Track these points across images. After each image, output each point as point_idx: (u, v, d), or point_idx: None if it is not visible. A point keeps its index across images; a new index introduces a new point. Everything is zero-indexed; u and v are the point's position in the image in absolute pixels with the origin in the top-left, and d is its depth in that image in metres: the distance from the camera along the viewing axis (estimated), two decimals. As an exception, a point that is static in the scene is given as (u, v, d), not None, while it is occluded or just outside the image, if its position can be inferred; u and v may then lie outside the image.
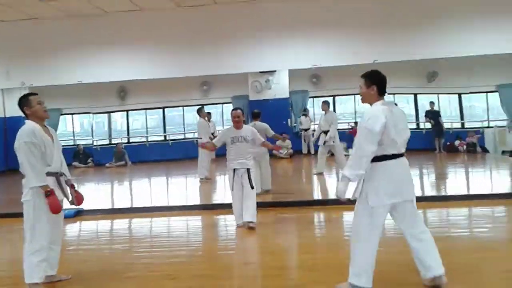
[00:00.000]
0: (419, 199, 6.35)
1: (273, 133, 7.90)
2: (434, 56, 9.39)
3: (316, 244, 5.30)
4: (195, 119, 16.55)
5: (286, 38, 10.29)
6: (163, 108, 16.49)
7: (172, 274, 4.28)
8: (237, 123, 5.94)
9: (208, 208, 7.34)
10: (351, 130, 13.74)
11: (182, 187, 10.41)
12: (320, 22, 9.79)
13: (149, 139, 16.52)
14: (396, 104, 3.54)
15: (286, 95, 14.58)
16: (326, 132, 9.61)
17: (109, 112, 16.62)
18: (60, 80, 11.23)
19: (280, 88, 14.42)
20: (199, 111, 10.26)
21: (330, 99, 16.09)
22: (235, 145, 5.91)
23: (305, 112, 14.98)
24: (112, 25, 10.77)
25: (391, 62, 9.24)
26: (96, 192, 10.31)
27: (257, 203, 6.09)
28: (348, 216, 6.53)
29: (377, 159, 3.32)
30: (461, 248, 4.66)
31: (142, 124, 17.19)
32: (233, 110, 6.11)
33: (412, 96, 15.37)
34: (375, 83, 3.44)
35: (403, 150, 3.42)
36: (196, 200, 8.31)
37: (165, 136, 16.50)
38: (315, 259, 4.59)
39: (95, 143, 16.19)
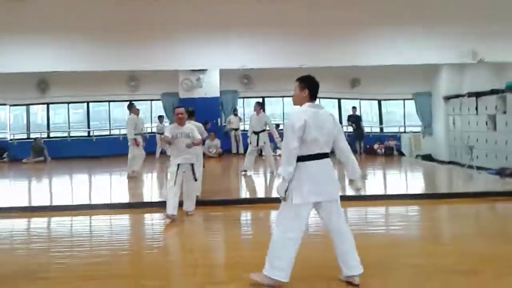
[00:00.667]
0: (340, 198, 6.65)
1: (206, 134, 8.00)
2: (356, 63, 9.92)
3: (242, 242, 5.38)
4: (123, 115, 16.18)
5: (218, 38, 10.31)
6: (88, 102, 15.79)
7: (91, 274, 4.14)
8: (180, 119, 6.21)
9: (134, 206, 7.16)
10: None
11: (106, 185, 10.05)
12: (252, 24, 9.92)
13: (72, 134, 15.75)
14: (322, 107, 3.73)
15: (217, 94, 14.59)
16: (257, 133, 9.71)
17: (28, 105, 15.59)
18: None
19: (210, 87, 14.40)
20: (130, 107, 9.98)
21: (259, 100, 16.45)
22: (179, 141, 6.10)
23: (235, 111, 15.11)
24: (34, 12, 10.13)
25: (317, 67, 9.58)
26: (11, 189, 9.66)
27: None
28: (275, 214, 6.70)
29: (302, 159, 3.48)
30: (376, 245, 4.98)
31: (64, 119, 16.34)
32: (176, 107, 6.43)
33: (336, 100, 16.06)
34: (307, 87, 3.63)
35: (327, 150, 3.59)
36: (121, 198, 8.06)
37: (88, 132, 15.81)
38: (241, 257, 4.66)
39: (11, 137, 15.14)
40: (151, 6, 10.17)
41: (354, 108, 14.84)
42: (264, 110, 9.81)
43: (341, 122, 15.47)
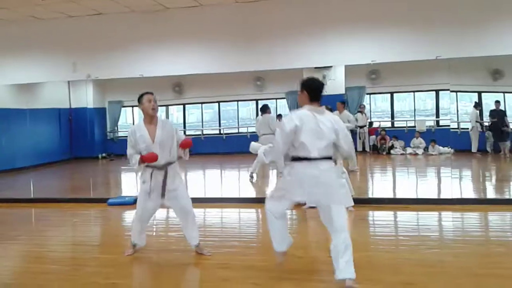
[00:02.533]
0: (483, 202, 6.09)
1: None
2: (497, 53, 8.84)
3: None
4: (249, 114, 16.85)
5: (343, 33, 10.07)
6: (218, 102, 16.75)
7: (225, 263, 4.35)
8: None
9: (262, 201, 7.39)
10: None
11: (235, 180, 10.52)
12: (379, 16, 9.51)
13: (204, 132, 16.85)
14: (324, 111, 3.74)
15: (342, 91, 14.32)
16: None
17: (166, 106, 17.10)
18: (122, 73, 11.65)
19: (335, 84, 14.18)
20: (266, 109, 10.40)
21: (387, 96, 15.74)
22: None
23: (360, 108, 14.68)
24: (172, 21, 11.04)
25: (454, 58, 8.83)
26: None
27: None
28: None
29: (293, 159, 3.70)
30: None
31: (198, 118, 17.56)
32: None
33: (476, 94, 14.62)
34: (305, 89, 3.74)
35: (315, 154, 3.61)
36: (249, 193, 8.36)
37: (219, 130, 16.76)
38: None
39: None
40: (276, 9, 10.37)
41: (497, 102, 13.36)
42: (391, 105, 9.49)
43: (482, 118, 14.08)
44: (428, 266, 4.15)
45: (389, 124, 15.15)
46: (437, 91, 14.53)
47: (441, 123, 14.22)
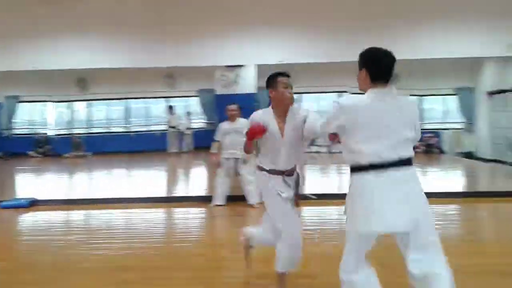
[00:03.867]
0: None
1: None
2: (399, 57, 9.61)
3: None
4: (161, 112, 16.49)
5: (254, 32, 10.28)
6: (127, 99, 16.17)
7: (127, 265, 4.22)
8: (232, 116, 6.64)
9: (170, 200, 7.29)
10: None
11: (143, 179, 10.25)
12: (291, 18, 9.83)
13: (112, 130, 16.19)
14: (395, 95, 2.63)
15: (254, 90, 14.55)
16: None
17: (70, 101, 16.15)
18: (15, 66, 10.79)
19: (247, 83, 14.37)
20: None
21: (299, 96, 16.30)
22: (230, 136, 6.58)
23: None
24: (74, 11, 10.44)
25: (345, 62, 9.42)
26: (52, 182, 10.02)
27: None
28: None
29: (353, 169, 2.63)
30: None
31: (105, 115, 16.82)
32: (228, 104, 6.84)
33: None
34: (364, 65, 2.61)
35: (391, 155, 2.51)
36: (157, 193, 8.18)
37: (128, 128, 16.20)
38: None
39: (54, 133, 15.77)
40: (189, 4, 10.27)
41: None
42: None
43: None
44: (331, 257, 4.37)
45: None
46: (341, 93, 15.36)
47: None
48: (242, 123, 6.61)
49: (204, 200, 7.00)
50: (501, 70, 12.24)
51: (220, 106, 7.52)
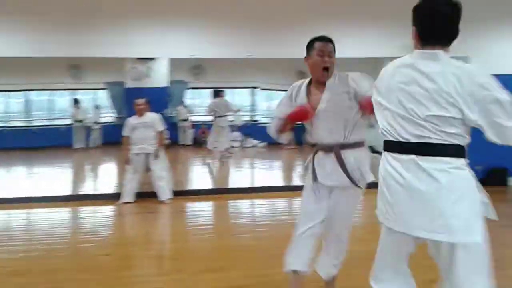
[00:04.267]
0: (288, 188, 6.72)
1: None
2: (303, 56, 9.95)
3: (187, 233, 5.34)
4: (65, 104, 15.54)
5: (167, 25, 10.02)
6: (27, 91, 15.00)
7: (23, 269, 3.95)
8: (140, 111, 6.49)
9: (77, 199, 6.91)
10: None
11: (46, 177, 9.62)
12: (203, 12, 9.73)
13: (11, 124, 14.95)
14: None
15: (166, 84, 14.30)
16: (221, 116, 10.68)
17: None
18: None
19: (159, 76, 14.08)
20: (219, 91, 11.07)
21: (210, 91, 16.28)
22: (138, 131, 6.42)
23: (183, 103, 14.91)
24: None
25: (265, 58, 9.63)
26: None
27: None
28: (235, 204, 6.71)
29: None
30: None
31: (3, 108, 15.46)
32: (135, 98, 6.70)
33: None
34: (414, 21, 2.04)
35: (415, 138, 1.95)
36: (62, 191, 7.71)
37: (29, 122, 15.06)
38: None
39: None
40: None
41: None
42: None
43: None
44: (232, 251, 4.46)
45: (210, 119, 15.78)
46: (253, 89, 15.68)
47: (255, 118, 15.48)
48: (151, 117, 6.55)
49: (112, 198, 6.74)
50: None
51: (130, 99, 7.28)
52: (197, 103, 16.39)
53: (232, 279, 3.66)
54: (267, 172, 10.20)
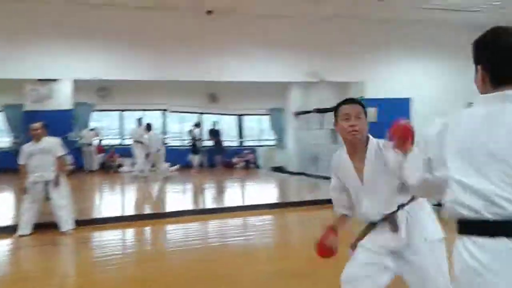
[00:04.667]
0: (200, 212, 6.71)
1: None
2: (211, 79, 10.10)
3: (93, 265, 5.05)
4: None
5: (70, 46, 9.61)
6: None
7: None
8: (36, 135, 6.07)
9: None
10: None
11: None
12: (108, 33, 9.49)
13: None
14: None
15: (70, 106, 13.56)
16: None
17: None
18: None
19: (62, 98, 13.31)
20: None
21: (117, 114, 15.77)
22: (35, 158, 6.02)
23: (89, 126, 14.24)
24: None
25: (173, 81, 9.61)
26: None
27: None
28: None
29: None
30: (228, 255, 5.13)
31: None
32: (31, 123, 6.25)
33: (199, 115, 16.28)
34: (482, 59, 1.56)
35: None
36: None
37: None
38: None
39: None
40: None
41: (214, 122, 15.24)
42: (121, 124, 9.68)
43: (202, 137, 15.71)
44: (134, 282, 4.32)
45: (118, 142, 15.26)
46: (164, 111, 15.49)
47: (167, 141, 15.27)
48: (49, 142, 6.13)
49: (8, 231, 6.18)
50: (304, 94, 13.93)
51: (30, 123, 6.79)
52: (105, 125, 15.77)
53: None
54: (180, 196, 10.06)
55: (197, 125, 14.88)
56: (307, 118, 13.82)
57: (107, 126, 15.83)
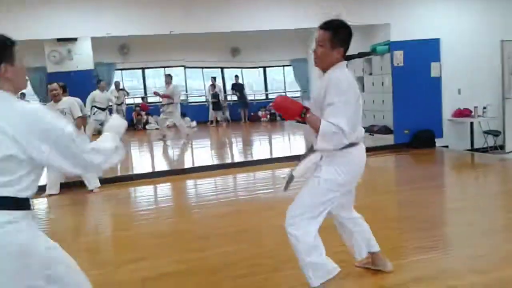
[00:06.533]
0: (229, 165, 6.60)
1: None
2: (230, 29, 9.71)
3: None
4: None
5: (85, 2, 9.40)
6: None
7: None
8: (54, 96, 5.99)
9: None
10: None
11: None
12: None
13: None
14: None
15: (90, 66, 13.50)
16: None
17: None
18: None
19: (82, 59, 13.25)
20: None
21: (139, 72, 15.65)
22: None
23: (112, 85, 14.23)
24: None
25: (189, 33, 9.30)
26: None
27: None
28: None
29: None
30: (256, 208, 5.07)
31: None
32: (48, 83, 6.27)
33: (219, 69, 15.97)
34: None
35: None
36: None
37: None
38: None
39: None
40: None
41: (236, 77, 14.94)
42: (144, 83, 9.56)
43: (225, 91, 15.48)
44: (162, 237, 4.29)
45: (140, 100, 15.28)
46: (184, 67, 15.25)
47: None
48: (68, 103, 6.05)
49: (38, 191, 6.30)
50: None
51: (53, 85, 6.70)
52: (128, 84, 15.73)
53: (161, 267, 3.49)
54: (203, 151, 10.03)
55: (214, 80, 14.68)
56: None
57: (130, 86, 15.78)
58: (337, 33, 2.54)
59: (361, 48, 11.37)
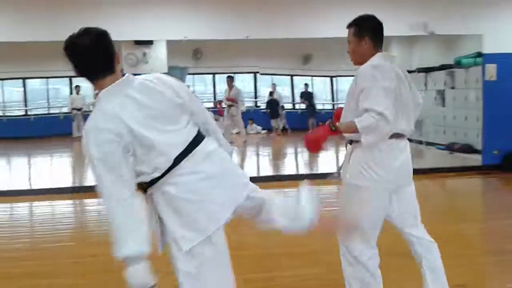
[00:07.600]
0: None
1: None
2: (304, 35, 9.46)
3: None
4: (64, 92, 15.24)
5: (162, 6, 9.59)
6: (24, 78, 14.63)
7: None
8: None
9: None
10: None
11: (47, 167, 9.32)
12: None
13: (7, 114, 14.68)
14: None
15: (164, 70, 13.84)
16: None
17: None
18: None
19: (157, 62, 13.62)
20: None
21: (210, 77, 15.85)
22: None
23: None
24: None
25: (264, 39, 9.19)
26: None
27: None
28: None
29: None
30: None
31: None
32: None
33: (289, 77, 15.83)
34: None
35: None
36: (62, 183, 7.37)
37: (26, 111, 14.76)
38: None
39: None
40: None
41: (306, 85, 14.72)
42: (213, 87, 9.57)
43: (293, 99, 15.28)
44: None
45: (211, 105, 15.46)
46: (255, 73, 15.24)
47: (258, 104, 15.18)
48: None
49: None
50: (404, 50, 12.69)
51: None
52: (198, 89, 15.99)
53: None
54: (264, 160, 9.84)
55: (274, 86, 14.48)
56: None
57: (199, 90, 16.02)
58: (360, 26, 2.56)
59: (443, 60, 10.70)
